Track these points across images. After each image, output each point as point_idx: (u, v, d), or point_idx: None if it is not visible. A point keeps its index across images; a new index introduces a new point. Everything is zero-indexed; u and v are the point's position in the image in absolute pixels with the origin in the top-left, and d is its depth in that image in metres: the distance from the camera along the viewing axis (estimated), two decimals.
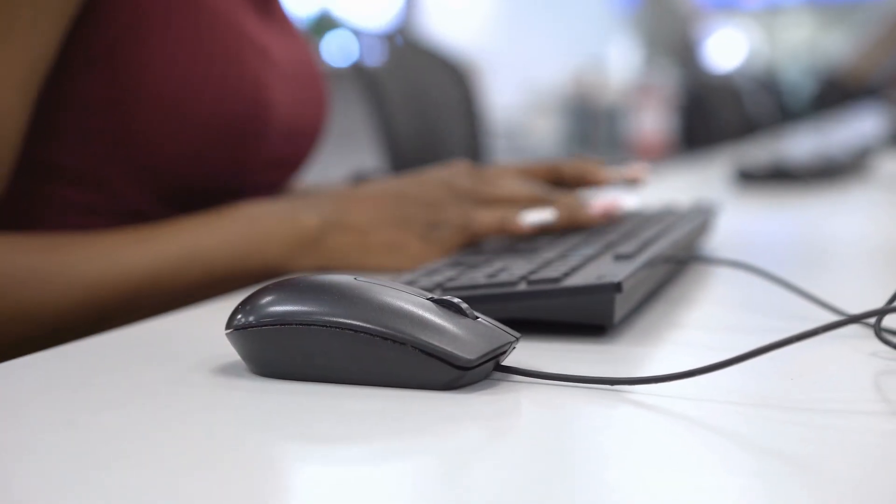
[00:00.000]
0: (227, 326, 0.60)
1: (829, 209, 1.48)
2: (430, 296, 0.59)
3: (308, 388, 0.57)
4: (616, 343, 0.67)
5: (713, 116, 4.50)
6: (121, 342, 0.70)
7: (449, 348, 0.55)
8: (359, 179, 1.23)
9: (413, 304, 0.57)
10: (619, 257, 0.74)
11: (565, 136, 6.98)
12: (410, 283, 0.72)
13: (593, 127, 6.96)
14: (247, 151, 0.95)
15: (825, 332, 0.52)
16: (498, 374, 0.58)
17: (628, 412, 0.53)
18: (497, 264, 0.76)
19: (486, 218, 0.90)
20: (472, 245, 0.92)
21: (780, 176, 1.64)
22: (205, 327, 0.73)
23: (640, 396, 0.55)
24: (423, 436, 0.51)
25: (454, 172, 0.94)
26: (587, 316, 0.67)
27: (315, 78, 1.09)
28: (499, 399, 0.55)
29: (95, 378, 0.61)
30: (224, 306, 0.78)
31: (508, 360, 0.59)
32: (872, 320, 0.65)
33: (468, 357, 0.55)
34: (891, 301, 0.65)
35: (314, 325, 0.57)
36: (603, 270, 0.69)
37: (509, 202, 0.91)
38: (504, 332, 0.58)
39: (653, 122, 6.30)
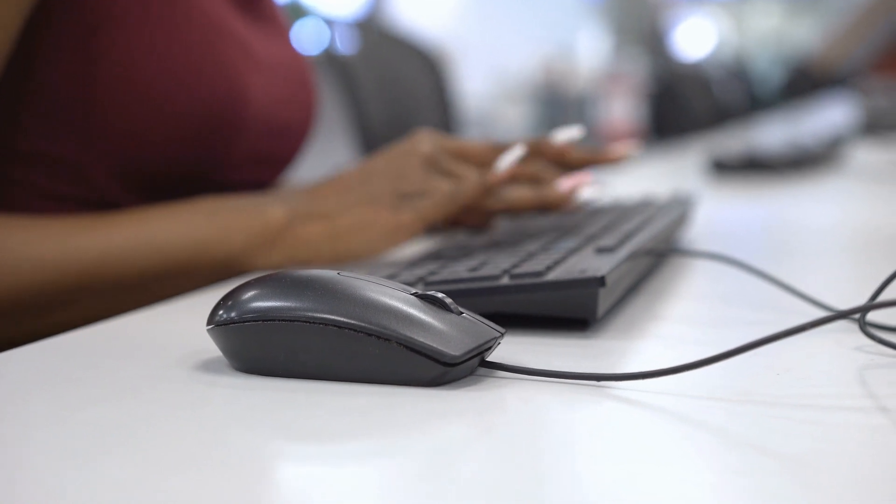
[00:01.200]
0: (209, 322, 0.59)
1: (805, 200, 1.49)
2: (414, 291, 0.58)
3: (291, 384, 0.56)
4: (599, 337, 0.67)
5: (683, 105, 4.51)
6: (102, 337, 0.69)
7: (434, 344, 0.55)
8: None
9: (398, 299, 0.57)
10: (601, 250, 0.74)
11: (535, 124, 6.99)
12: (392, 276, 0.71)
13: (563, 114, 6.97)
14: (223, 145, 0.94)
15: (813, 328, 0.52)
16: (483, 370, 0.58)
17: (614, 408, 0.53)
18: (479, 257, 0.76)
19: (468, 183, 0.89)
20: (459, 214, 0.92)
21: (755, 166, 1.64)
22: (186, 322, 0.72)
23: (625, 392, 0.55)
24: (409, 433, 0.50)
25: (416, 140, 0.93)
26: (571, 310, 0.67)
27: (304, 79, 1.08)
28: (484, 395, 0.55)
29: (78, 373, 0.60)
30: (204, 300, 0.77)
31: (493, 356, 0.59)
32: (857, 314, 0.65)
33: (454, 353, 0.55)
34: (875, 295, 0.65)
35: (298, 320, 0.56)
36: (586, 264, 0.69)
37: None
38: (489, 328, 0.58)
39: (622, 109, 6.32)
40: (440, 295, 0.58)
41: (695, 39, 8.66)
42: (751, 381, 0.57)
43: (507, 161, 0.89)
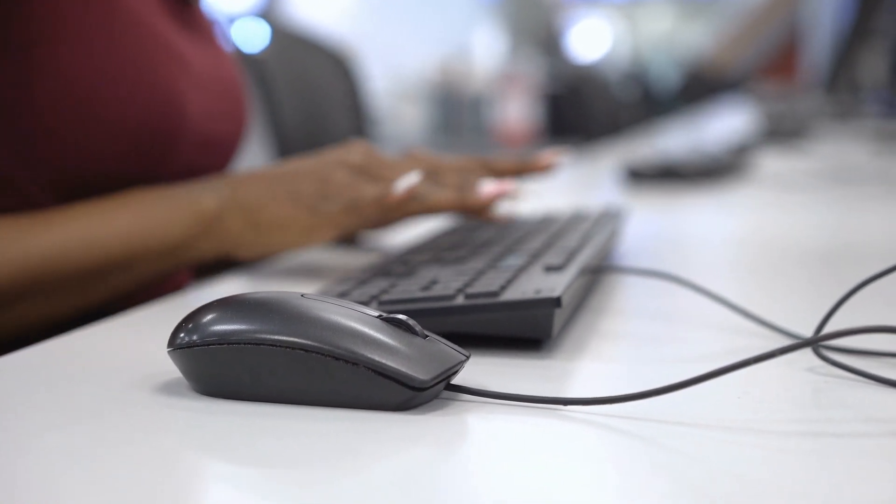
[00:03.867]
0: (169, 345, 0.58)
1: (722, 210, 1.50)
2: (378, 314, 0.58)
3: (254, 408, 0.56)
4: (554, 357, 0.67)
5: (581, 106, 4.54)
6: (57, 355, 0.68)
7: (403, 369, 0.54)
8: None
9: (364, 322, 0.56)
10: (550, 269, 0.74)
11: (431, 124, 7.01)
12: (343, 294, 0.71)
13: (459, 115, 6.99)
14: (158, 158, 0.93)
15: (781, 355, 0.53)
16: (447, 393, 0.58)
17: (581, 433, 0.53)
18: (426, 275, 0.75)
19: (367, 191, 0.92)
20: (364, 224, 0.94)
21: (669, 175, 1.66)
22: (142, 338, 0.72)
23: (591, 417, 0.55)
24: (377, 458, 0.50)
25: (349, 149, 0.96)
26: (526, 330, 0.67)
27: (235, 91, 1.07)
28: (451, 420, 0.55)
29: (34, 396, 0.59)
30: (159, 314, 0.77)
31: (456, 378, 0.58)
32: (810, 336, 0.66)
33: (422, 378, 0.54)
34: (827, 318, 0.66)
35: (264, 344, 0.55)
36: (538, 284, 0.69)
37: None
38: (455, 352, 0.58)
39: (517, 110, 6.35)
40: (404, 317, 0.58)
41: (590, 41, 8.73)
42: (714, 404, 0.57)
43: (403, 184, 0.92)
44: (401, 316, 0.58)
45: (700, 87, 5.81)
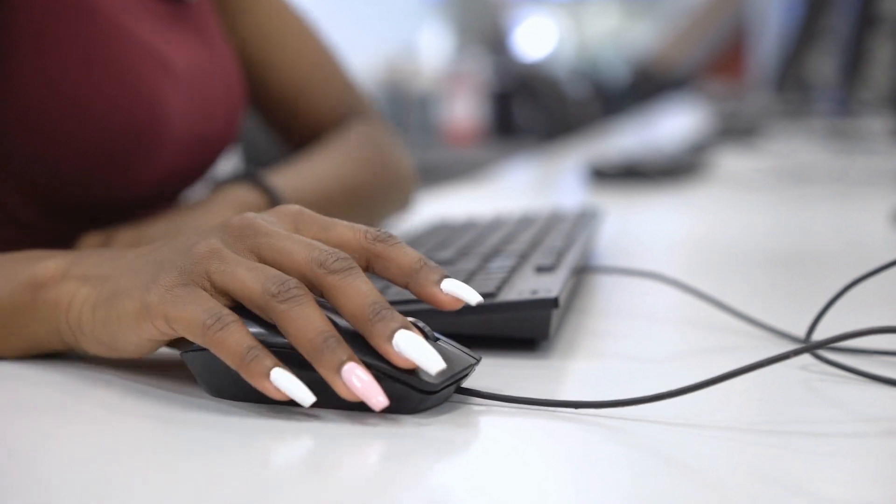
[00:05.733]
0: (182, 348, 0.58)
1: (688, 209, 1.51)
2: None
3: (267, 410, 0.56)
4: (550, 358, 0.68)
5: (528, 104, 4.55)
6: (65, 356, 0.67)
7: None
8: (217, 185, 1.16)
9: None
10: (541, 269, 0.75)
11: None
12: None
13: (406, 113, 6.99)
14: (138, 165, 0.91)
15: (795, 357, 0.54)
16: (457, 396, 0.58)
17: (591, 435, 0.54)
18: None
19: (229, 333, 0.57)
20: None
21: (632, 174, 1.67)
22: None
23: (604, 420, 0.55)
24: (387, 462, 0.51)
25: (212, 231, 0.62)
26: (524, 330, 0.67)
27: (226, 87, 1.04)
28: (462, 423, 0.55)
29: (45, 398, 0.59)
30: None
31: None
32: (803, 336, 0.67)
33: (432, 381, 0.55)
34: (818, 318, 0.67)
35: (275, 347, 0.55)
36: (533, 284, 0.70)
37: None
38: (465, 355, 0.58)
39: (464, 109, 6.35)
40: (416, 321, 0.58)
41: (536, 39, 8.75)
42: (719, 405, 0.57)
43: None
44: (411, 319, 0.58)
45: (649, 85, 5.83)
